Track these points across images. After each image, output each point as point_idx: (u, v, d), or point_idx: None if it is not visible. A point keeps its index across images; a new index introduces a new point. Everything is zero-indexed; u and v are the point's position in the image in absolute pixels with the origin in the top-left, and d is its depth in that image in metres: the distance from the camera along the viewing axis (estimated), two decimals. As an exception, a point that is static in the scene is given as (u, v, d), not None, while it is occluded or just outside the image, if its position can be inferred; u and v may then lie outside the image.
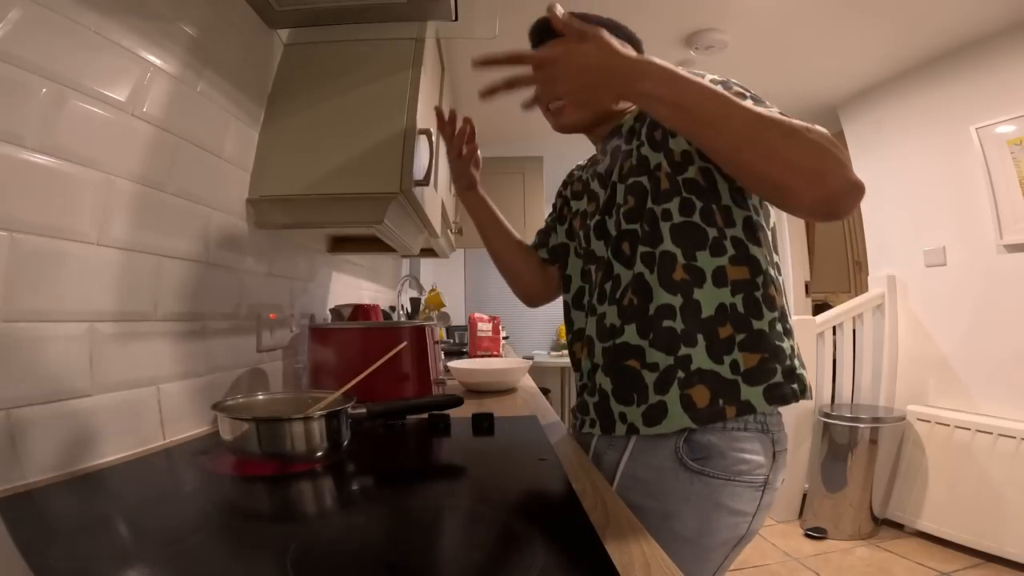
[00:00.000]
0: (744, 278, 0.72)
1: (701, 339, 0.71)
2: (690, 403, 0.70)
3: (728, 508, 0.70)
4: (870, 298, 2.64)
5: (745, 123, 0.61)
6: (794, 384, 0.71)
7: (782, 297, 0.75)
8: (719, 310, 0.71)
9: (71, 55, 0.66)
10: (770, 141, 0.60)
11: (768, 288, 0.73)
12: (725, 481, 0.69)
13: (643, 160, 0.78)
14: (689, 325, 0.71)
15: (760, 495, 0.71)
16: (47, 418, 0.63)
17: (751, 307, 0.71)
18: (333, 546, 0.48)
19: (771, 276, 0.74)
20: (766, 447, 0.72)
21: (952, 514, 2.14)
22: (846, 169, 0.60)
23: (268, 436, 0.68)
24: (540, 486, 0.67)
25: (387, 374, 1.04)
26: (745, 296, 0.71)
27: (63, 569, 0.42)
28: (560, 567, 0.42)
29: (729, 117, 0.61)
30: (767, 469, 0.71)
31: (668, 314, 0.72)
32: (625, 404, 0.75)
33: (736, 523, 0.71)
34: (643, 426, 0.73)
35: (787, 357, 0.72)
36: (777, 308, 0.73)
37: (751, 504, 0.71)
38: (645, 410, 0.73)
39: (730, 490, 0.70)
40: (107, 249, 0.73)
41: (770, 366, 0.70)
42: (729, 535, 0.71)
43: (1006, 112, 2.12)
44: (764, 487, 0.71)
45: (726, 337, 0.70)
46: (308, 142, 1.11)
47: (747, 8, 1.97)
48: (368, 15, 1.13)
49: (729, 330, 0.70)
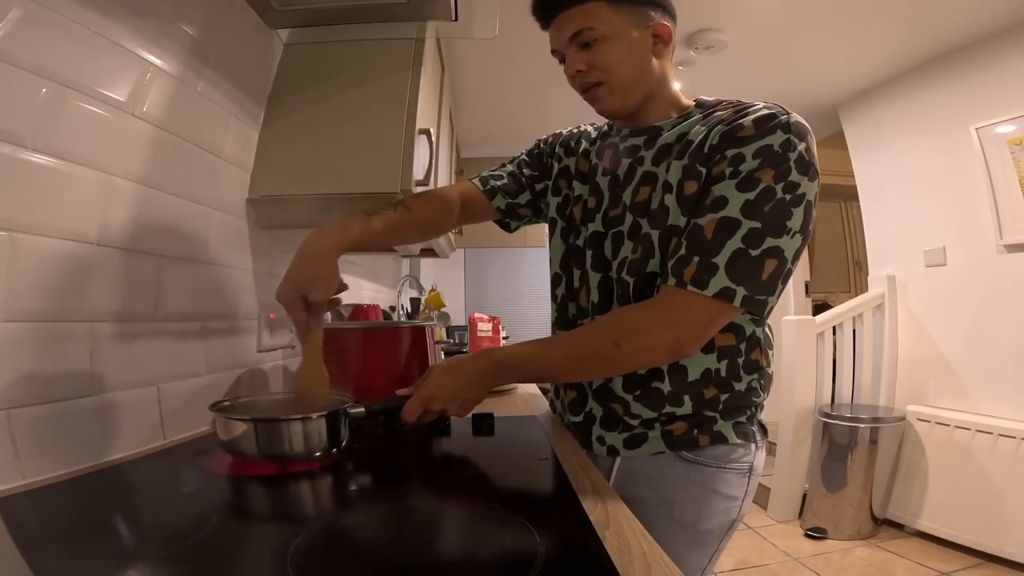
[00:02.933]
0: (730, 344, 0.74)
1: (688, 399, 0.75)
2: (668, 434, 0.76)
3: (721, 494, 0.75)
4: (870, 298, 2.64)
5: (570, 369, 0.76)
6: (754, 427, 0.78)
7: (764, 357, 0.77)
8: (704, 374, 0.74)
9: (71, 55, 0.66)
10: (595, 366, 0.74)
11: (751, 353, 0.75)
12: (716, 469, 0.75)
13: (663, 212, 0.72)
14: (676, 387, 0.74)
15: (747, 480, 0.77)
16: (47, 418, 0.63)
17: (732, 373, 0.75)
18: (333, 546, 0.48)
19: (756, 338, 0.76)
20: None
21: (952, 514, 2.13)
22: (653, 345, 0.69)
23: (266, 436, 0.68)
24: (540, 486, 0.67)
25: (387, 374, 1.04)
26: (729, 362, 0.75)
27: (63, 569, 0.42)
28: (560, 567, 0.42)
29: (556, 372, 0.78)
30: (751, 456, 0.77)
31: (656, 376, 0.75)
32: (608, 431, 0.80)
33: (729, 507, 0.76)
34: (624, 449, 0.78)
35: (754, 407, 0.78)
36: (757, 370, 0.76)
37: (740, 489, 0.77)
38: (627, 437, 0.78)
39: (721, 477, 0.75)
40: (107, 249, 0.73)
41: (740, 411, 0.77)
42: (723, 519, 0.76)
43: (1006, 112, 2.12)
44: (749, 473, 0.77)
45: (711, 397, 0.75)
46: (308, 142, 1.11)
47: (747, 8, 1.97)
48: (368, 15, 1.13)
49: (713, 391, 0.75)
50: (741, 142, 0.66)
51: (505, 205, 0.97)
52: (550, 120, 0.93)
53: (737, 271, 0.64)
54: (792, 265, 0.67)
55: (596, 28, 0.72)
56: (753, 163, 0.64)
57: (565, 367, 0.76)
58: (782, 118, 0.66)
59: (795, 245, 0.66)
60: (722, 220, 0.65)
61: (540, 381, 0.81)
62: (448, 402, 0.73)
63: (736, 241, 0.64)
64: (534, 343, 0.77)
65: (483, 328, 2.08)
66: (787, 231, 0.64)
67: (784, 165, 0.64)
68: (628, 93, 0.76)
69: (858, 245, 3.94)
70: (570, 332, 0.77)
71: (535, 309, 4.15)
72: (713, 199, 0.66)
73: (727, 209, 0.65)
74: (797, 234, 0.65)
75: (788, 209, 0.64)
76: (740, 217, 0.64)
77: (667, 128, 0.77)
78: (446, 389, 0.73)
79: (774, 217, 0.64)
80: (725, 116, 0.70)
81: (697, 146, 0.70)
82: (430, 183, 1.29)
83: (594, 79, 0.75)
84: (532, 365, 0.75)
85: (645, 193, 0.75)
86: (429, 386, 0.73)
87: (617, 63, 0.73)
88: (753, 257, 0.64)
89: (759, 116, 0.67)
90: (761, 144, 0.65)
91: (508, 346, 0.79)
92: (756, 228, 0.64)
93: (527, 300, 4.23)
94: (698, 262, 0.65)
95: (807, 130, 0.67)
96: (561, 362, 0.75)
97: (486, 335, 2.07)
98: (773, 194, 0.64)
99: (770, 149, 0.64)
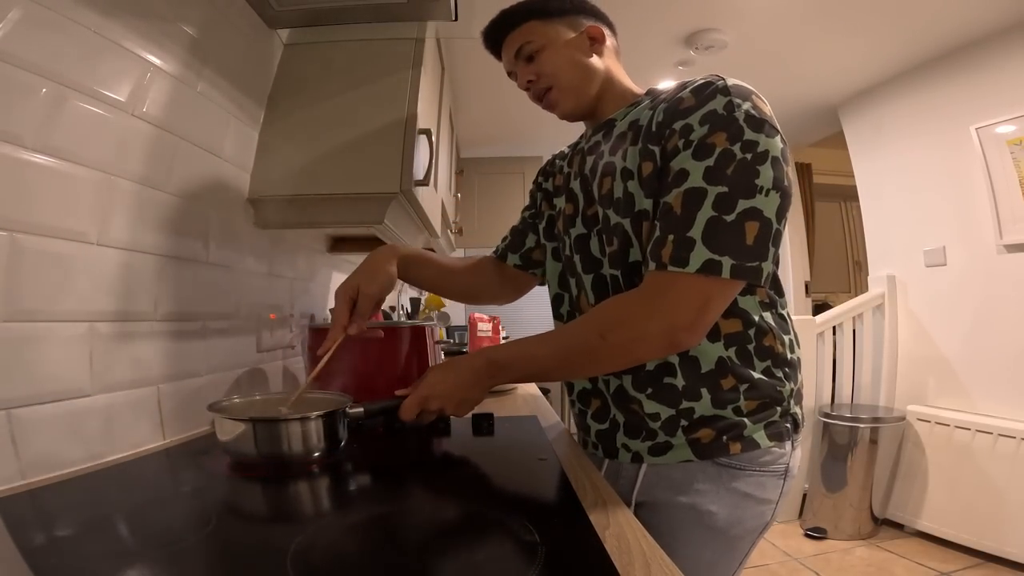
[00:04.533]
0: (736, 331, 0.71)
1: (705, 392, 0.71)
2: (696, 442, 0.72)
3: (755, 498, 0.72)
4: (870, 298, 2.64)
5: (560, 365, 0.74)
6: (788, 423, 0.74)
7: (779, 342, 0.73)
8: (718, 363, 0.71)
9: (71, 55, 0.66)
10: (583, 361, 0.72)
11: (762, 339, 0.72)
12: (751, 473, 0.71)
13: (629, 199, 0.72)
14: (691, 381, 0.71)
15: (783, 482, 0.73)
16: (47, 418, 0.63)
17: (745, 359, 0.71)
18: (332, 546, 0.48)
19: (765, 325, 0.72)
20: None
21: (952, 514, 2.13)
22: (642, 335, 0.66)
23: (265, 437, 0.68)
24: (540, 486, 0.67)
25: (387, 374, 1.04)
26: (739, 349, 0.71)
27: (63, 569, 0.42)
28: (560, 567, 0.42)
29: (549, 370, 0.75)
30: (788, 456, 0.74)
31: (668, 371, 0.72)
32: (631, 438, 0.76)
33: (763, 511, 0.73)
34: (648, 456, 0.74)
35: (784, 399, 0.74)
36: (771, 356, 0.73)
37: (775, 492, 0.73)
38: (652, 445, 0.74)
39: (756, 480, 0.71)
40: (107, 249, 0.73)
41: (769, 408, 0.72)
42: (756, 523, 0.73)
43: (1006, 112, 2.12)
44: (785, 475, 0.74)
45: (730, 388, 0.71)
46: (308, 142, 1.11)
47: (747, 8, 1.97)
48: (368, 15, 1.13)
49: (732, 381, 0.71)
50: (685, 113, 0.66)
51: (519, 259, 1.01)
52: (549, 120, 0.93)
53: (717, 241, 0.61)
54: (779, 225, 0.64)
55: (533, 41, 0.80)
56: (702, 130, 0.64)
57: (556, 364, 0.73)
58: (718, 83, 0.66)
59: (774, 203, 0.63)
60: (687, 192, 0.63)
61: (536, 380, 0.80)
62: (445, 401, 0.73)
63: (708, 210, 0.62)
64: (528, 340, 0.75)
65: (483, 328, 2.08)
66: (759, 190, 0.62)
67: (734, 125, 0.63)
68: (578, 91, 0.81)
69: (858, 245, 3.94)
70: (561, 327, 0.76)
71: (535, 309, 4.14)
72: (674, 174, 0.66)
73: (690, 180, 0.64)
74: (771, 191, 0.62)
75: (753, 168, 0.62)
76: (704, 185, 0.63)
77: (620, 118, 0.79)
78: (443, 388, 0.73)
79: (740, 178, 0.62)
80: (667, 95, 0.73)
81: (646, 128, 0.71)
82: (430, 183, 1.29)
83: (544, 85, 0.82)
84: (526, 363, 0.73)
85: (608, 184, 0.75)
86: (426, 385, 0.73)
87: (559, 67, 0.80)
88: (730, 223, 0.62)
89: (696, 87, 0.68)
90: (704, 111, 0.65)
91: (504, 344, 0.78)
92: (723, 192, 0.62)
93: (527, 300, 4.22)
94: (673, 240, 0.63)
95: (749, 91, 0.66)
96: (551, 358, 0.72)
97: (486, 335, 2.07)
98: (732, 156, 0.62)
99: (715, 113, 0.64)
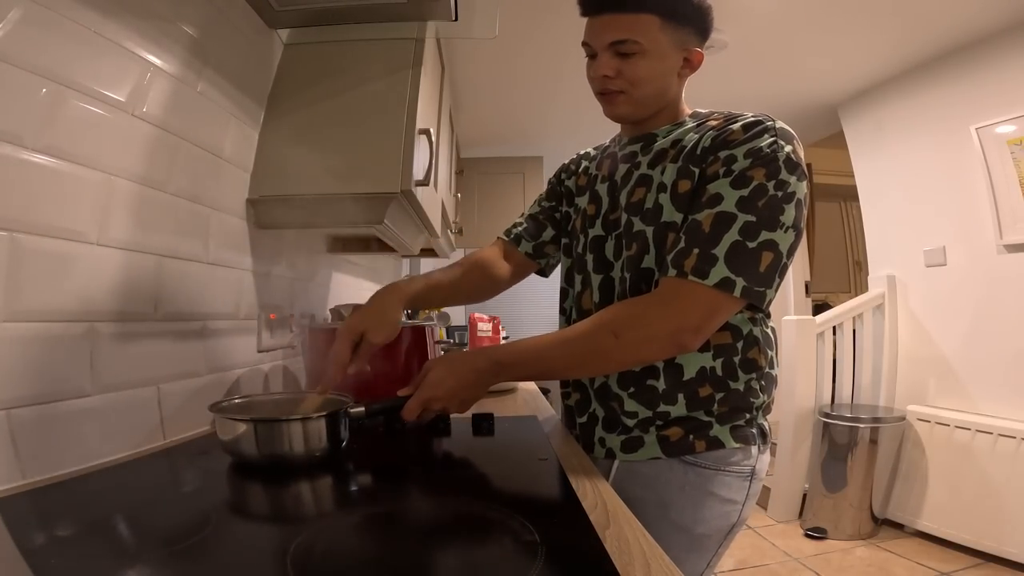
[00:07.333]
0: (726, 343, 0.75)
1: (682, 398, 0.75)
2: (664, 439, 0.76)
3: (719, 496, 0.75)
4: (870, 298, 2.64)
5: (569, 364, 0.76)
6: (753, 430, 0.77)
7: (763, 356, 0.77)
8: (700, 372, 0.75)
9: (71, 55, 0.66)
10: (594, 360, 0.74)
11: (749, 351, 0.76)
12: (716, 471, 0.74)
13: (658, 210, 0.75)
14: (670, 386, 0.75)
15: (748, 484, 0.76)
16: (47, 418, 0.63)
17: (729, 371, 0.75)
18: (333, 546, 0.48)
19: (754, 337, 0.76)
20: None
21: (952, 514, 2.13)
22: (653, 335, 0.69)
23: (266, 437, 0.68)
24: (540, 486, 0.67)
25: (387, 374, 1.04)
26: (725, 361, 0.75)
27: (63, 569, 0.42)
28: (560, 567, 0.42)
29: (556, 369, 0.77)
30: (754, 459, 0.76)
31: (651, 374, 0.76)
32: (607, 432, 0.80)
33: (727, 511, 0.76)
34: (620, 452, 0.78)
35: (752, 409, 0.77)
36: (756, 369, 0.76)
37: (740, 493, 0.76)
38: (625, 440, 0.78)
39: (720, 479, 0.75)
40: (107, 249, 0.73)
41: (738, 413, 0.76)
42: (722, 523, 0.76)
43: (1006, 112, 2.12)
44: (751, 476, 0.76)
45: (706, 396, 0.75)
46: (308, 142, 1.11)
47: (747, 8, 1.97)
48: (368, 15, 1.13)
49: (708, 390, 0.75)
50: (732, 144, 0.70)
51: (532, 248, 1.01)
52: (550, 120, 0.93)
53: (736, 262, 0.66)
54: (787, 260, 0.69)
55: (640, 43, 0.73)
56: (745, 162, 0.69)
57: (564, 363, 0.76)
58: (768, 123, 0.71)
59: (789, 240, 0.69)
60: (719, 215, 0.68)
61: (540, 379, 0.81)
62: (448, 401, 0.74)
63: (733, 233, 0.67)
64: (533, 340, 0.76)
65: (483, 328, 2.08)
66: (780, 226, 0.67)
67: (774, 164, 0.68)
68: (644, 106, 0.80)
69: (858, 245, 3.94)
70: (569, 328, 0.77)
71: (535, 309, 4.15)
72: (709, 196, 0.70)
73: (723, 204, 0.68)
74: (790, 229, 0.68)
75: (780, 205, 0.68)
76: (736, 211, 0.67)
77: (662, 135, 0.81)
78: (445, 389, 0.73)
79: (768, 212, 0.67)
80: (716, 123, 0.75)
81: (690, 149, 0.74)
82: (430, 183, 1.29)
83: (617, 87, 0.77)
84: (531, 363, 0.75)
85: (640, 194, 0.79)
86: (428, 387, 0.73)
87: (645, 79, 0.76)
88: (751, 249, 0.67)
89: (747, 122, 0.72)
90: (751, 146, 0.69)
91: (506, 344, 0.79)
92: (751, 221, 0.67)
93: (527, 300, 4.22)
94: (698, 253, 0.68)
95: (792, 135, 0.71)
96: (560, 358, 0.75)
97: (486, 335, 2.07)
98: (765, 191, 0.67)
99: (760, 150, 0.69)
